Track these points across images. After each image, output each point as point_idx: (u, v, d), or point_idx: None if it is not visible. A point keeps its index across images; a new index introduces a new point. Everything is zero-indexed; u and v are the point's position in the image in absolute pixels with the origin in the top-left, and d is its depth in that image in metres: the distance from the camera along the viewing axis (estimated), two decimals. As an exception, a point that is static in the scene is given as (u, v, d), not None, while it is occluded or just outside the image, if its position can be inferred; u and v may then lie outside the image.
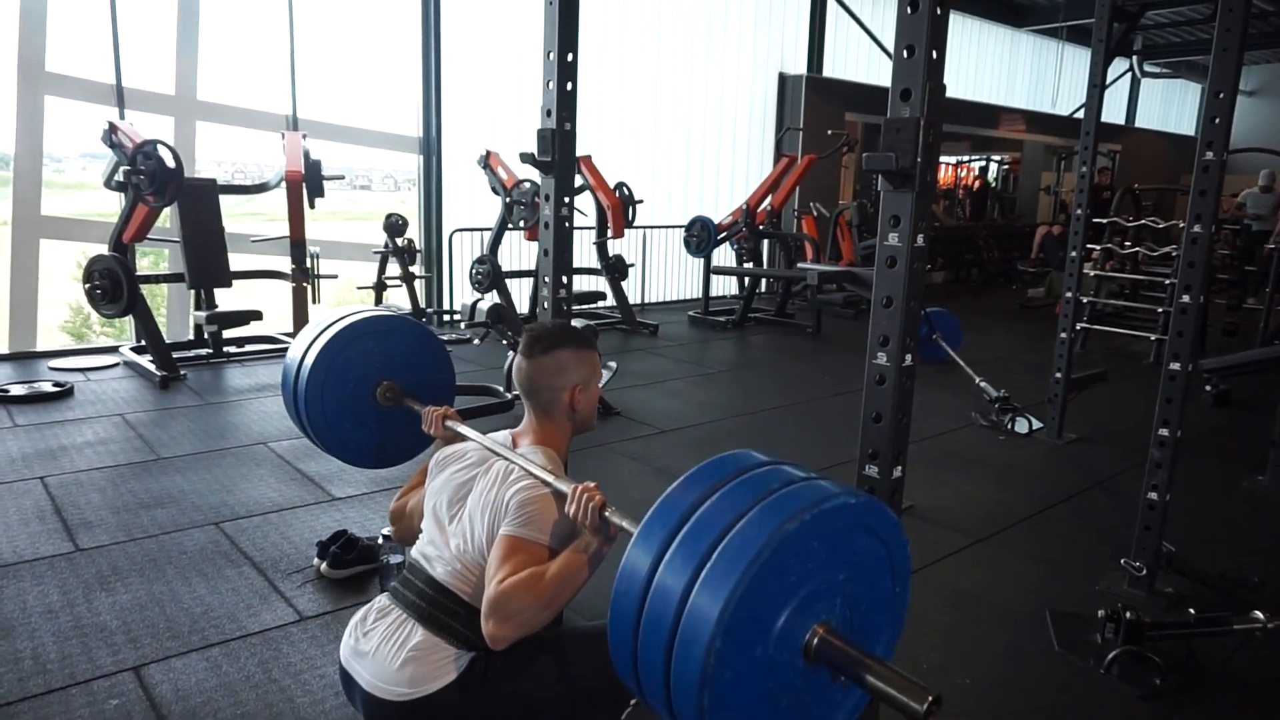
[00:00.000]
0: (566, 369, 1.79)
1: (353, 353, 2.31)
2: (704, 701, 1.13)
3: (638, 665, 1.24)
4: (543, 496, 1.63)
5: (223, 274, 5.85)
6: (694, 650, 1.13)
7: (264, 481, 3.76)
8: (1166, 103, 17.64)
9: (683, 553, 1.19)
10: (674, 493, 1.29)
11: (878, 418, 1.66)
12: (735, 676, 1.14)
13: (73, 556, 2.98)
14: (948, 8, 1.51)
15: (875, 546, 1.30)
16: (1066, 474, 4.34)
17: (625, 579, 1.26)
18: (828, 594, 1.23)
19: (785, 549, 1.14)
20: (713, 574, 1.14)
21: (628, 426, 4.79)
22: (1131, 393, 5.85)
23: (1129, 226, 7.66)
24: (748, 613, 1.13)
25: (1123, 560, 3.04)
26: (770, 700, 1.21)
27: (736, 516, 1.19)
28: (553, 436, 1.81)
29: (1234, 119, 2.77)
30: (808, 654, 1.22)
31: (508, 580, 1.51)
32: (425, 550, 1.75)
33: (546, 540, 1.60)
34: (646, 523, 1.27)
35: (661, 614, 1.18)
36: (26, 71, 5.79)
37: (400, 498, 2.00)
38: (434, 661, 1.61)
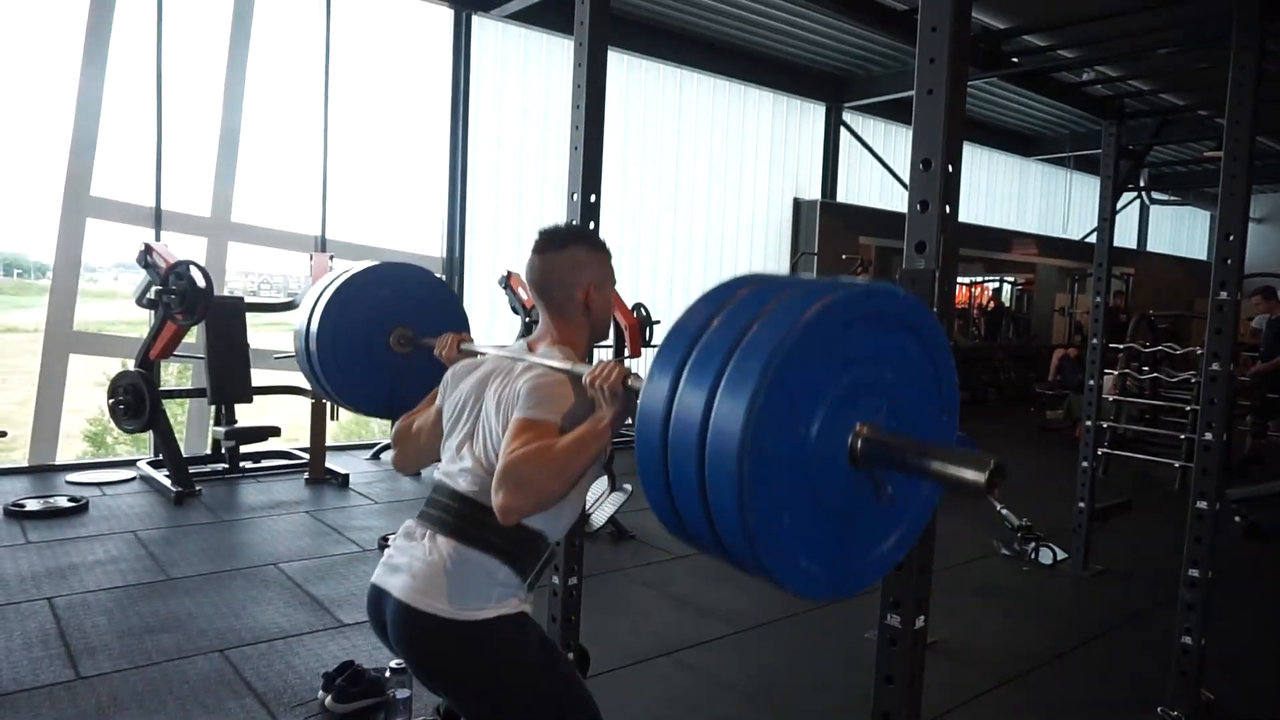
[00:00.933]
0: (581, 265, 1.73)
1: (365, 300, 2.30)
2: (745, 512, 1.05)
3: (672, 494, 1.17)
4: (556, 380, 1.57)
5: (245, 390, 5.92)
6: (725, 473, 1.06)
7: (272, 605, 3.70)
8: (1177, 226, 17.94)
9: (700, 366, 1.13)
10: (684, 317, 1.23)
11: (899, 565, 1.62)
12: (774, 480, 1.07)
13: (72, 685, 2.91)
14: (959, 165, 1.56)
15: (915, 348, 1.22)
16: (1094, 609, 4.20)
17: (645, 411, 1.19)
18: (868, 395, 1.16)
19: (808, 341, 1.08)
20: (734, 376, 1.07)
21: (642, 551, 4.71)
22: (1157, 522, 5.72)
23: (1146, 352, 7.67)
24: (775, 423, 1.06)
25: (1159, 709, 2.90)
26: (815, 506, 1.13)
27: (752, 320, 1.12)
28: (570, 337, 1.74)
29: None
30: (853, 457, 1.14)
31: (518, 450, 1.45)
32: (447, 469, 1.69)
33: (558, 420, 1.52)
34: (660, 350, 1.21)
35: (687, 431, 1.11)
36: (72, 194, 6.04)
37: (407, 418, 1.91)
38: (464, 576, 1.56)
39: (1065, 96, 4.81)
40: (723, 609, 3.84)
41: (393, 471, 6.38)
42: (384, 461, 6.80)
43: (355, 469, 6.27)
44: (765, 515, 1.09)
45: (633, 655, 3.32)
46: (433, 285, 2.47)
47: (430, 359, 2.05)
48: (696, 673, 3.25)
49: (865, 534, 1.25)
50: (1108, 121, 4.43)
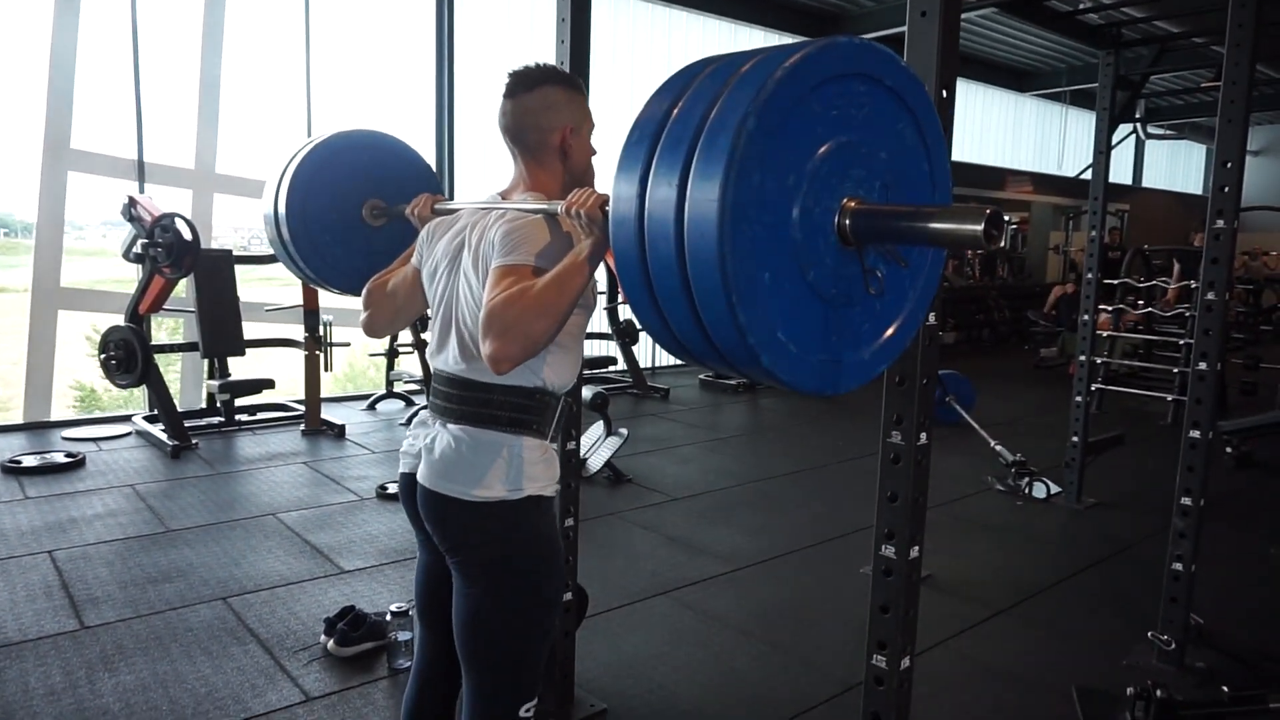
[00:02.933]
0: (555, 106, 1.63)
1: (335, 169, 2.21)
2: (726, 270, 1.01)
3: (654, 292, 1.14)
4: (530, 221, 1.50)
5: (237, 343, 5.89)
6: (706, 249, 1.01)
7: (272, 554, 3.72)
8: (1173, 162, 17.80)
9: (667, 155, 1.09)
10: (646, 109, 1.18)
11: (893, 497, 1.62)
12: (756, 245, 1.03)
13: (77, 635, 2.94)
14: (954, 90, 1.52)
15: (891, 106, 1.17)
16: (1087, 541, 4.25)
17: (617, 216, 1.15)
18: (852, 169, 1.12)
19: (775, 108, 1.02)
20: (702, 159, 1.03)
21: (639, 494, 4.74)
22: (1150, 455, 5.77)
23: (1140, 287, 7.66)
24: (753, 190, 1.02)
25: (1150, 633, 2.95)
26: (800, 276, 1.10)
27: (715, 98, 1.06)
28: (545, 184, 1.65)
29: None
30: (842, 235, 1.11)
31: (498, 295, 1.39)
32: (438, 348, 1.66)
33: (534, 261, 1.45)
34: (624, 149, 1.16)
35: (662, 230, 1.07)
36: (52, 148, 5.93)
37: (379, 278, 1.84)
38: (479, 455, 1.54)
39: (1060, 25, 4.71)
40: (719, 548, 3.88)
41: (389, 422, 6.40)
42: (380, 412, 6.80)
43: (351, 420, 6.27)
44: (745, 266, 1.04)
45: (630, 594, 3.35)
46: (402, 152, 2.32)
47: (407, 230, 1.97)
48: (693, 610, 3.29)
49: (850, 328, 1.21)
50: (1104, 51, 4.35)
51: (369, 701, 2.57)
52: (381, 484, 4.68)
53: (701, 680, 2.77)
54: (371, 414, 6.73)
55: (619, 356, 7.84)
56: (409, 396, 7.10)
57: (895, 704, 1.65)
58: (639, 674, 2.79)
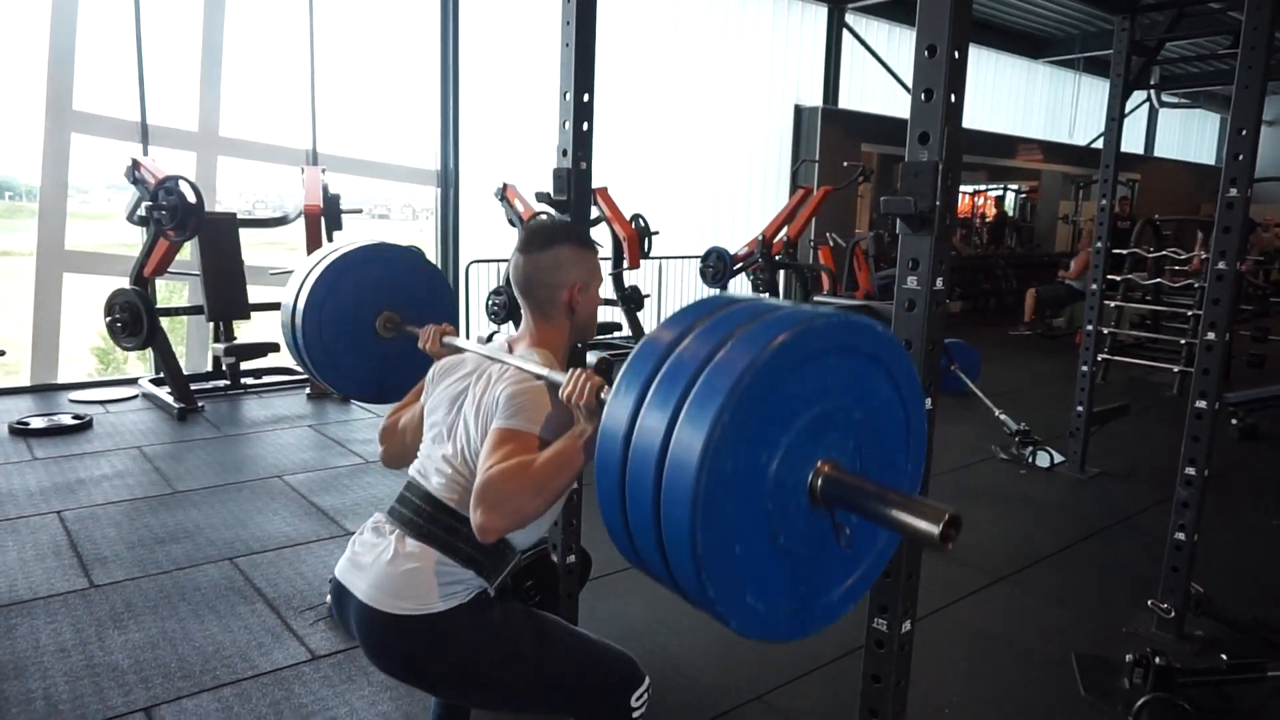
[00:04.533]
0: (564, 266, 1.68)
1: (355, 279, 2.25)
2: (696, 535, 1.04)
3: (627, 517, 1.15)
4: (534, 388, 1.54)
5: (242, 306, 5.90)
6: (681, 490, 1.04)
7: (279, 515, 3.75)
8: (1186, 131, 17.58)
9: (663, 390, 1.11)
10: (650, 338, 1.20)
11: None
12: (729, 513, 1.06)
13: (87, 593, 2.97)
14: (965, 52, 1.50)
15: (888, 390, 1.20)
16: (1089, 510, 4.27)
17: (607, 432, 1.17)
18: (835, 429, 1.14)
19: (778, 365, 1.06)
20: (695, 404, 1.06)
21: (644, 460, 4.75)
22: (1155, 425, 5.76)
23: (1150, 258, 7.60)
24: (736, 444, 1.04)
25: (1150, 602, 2.97)
26: (770, 541, 1.12)
27: (717, 346, 1.10)
28: (550, 338, 1.71)
29: (1256, 153, 2.74)
30: (813, 495, 1.13)
31: (496, 467, 1.43)
32: (422, 466, 1.69)
33: (538, 430, 1.50)
34: (624, 371, 1.19)
35: (645, 456, 1.09)
36: (54, 109, 5.89)
37: (392, 415, 1.90)
38: (429, 576, 1.54)
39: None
40: (723, 514, 3.89)
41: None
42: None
43: (357, 384, 6.28)
44: (717, 542, 1.07)
45: (635, 559, 3.37)
46: (422, 268, 2.40)
47: (417, 347, 2.03)
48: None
49: (819, 576, 1.22)
50: (1119, 15, 4.27)
51: (375, 661, 2.60)
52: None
53: (703, 643, 2.80)
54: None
55: (623, 322, 7.83)
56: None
57: (895, 667, 1.66)
58: (641, 637, 2.82)
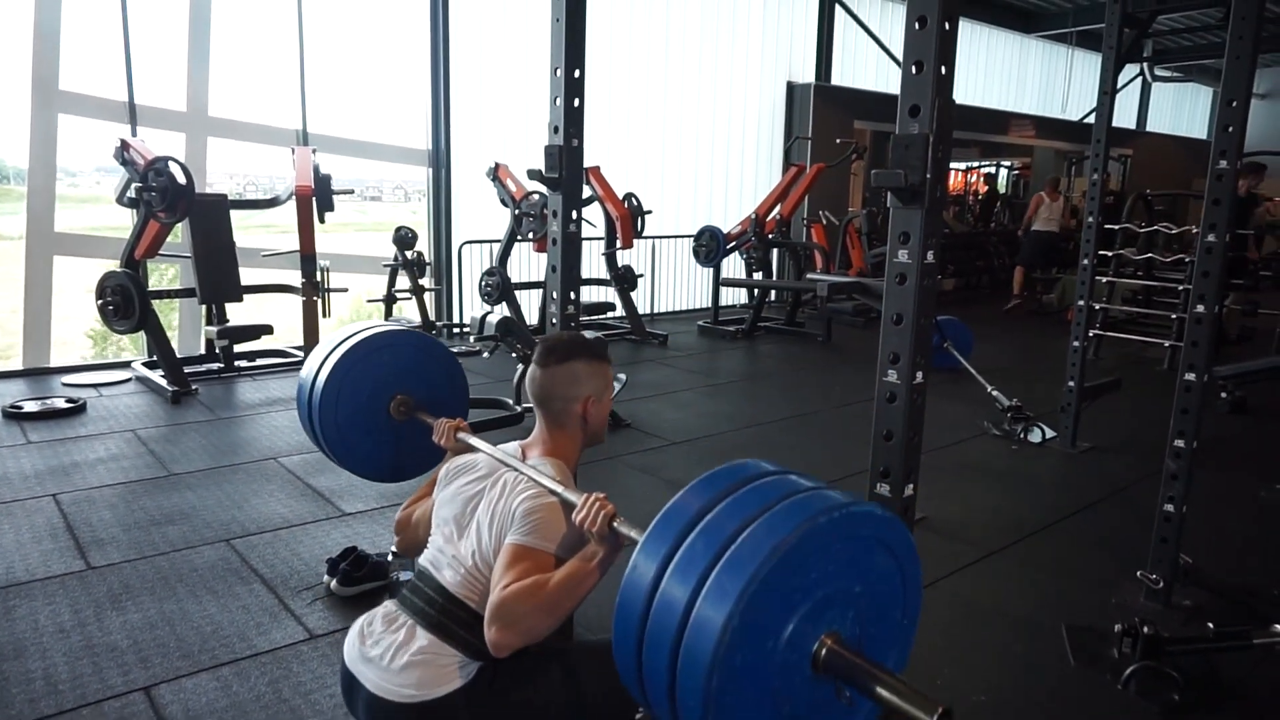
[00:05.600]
0: (580, 380, 1.77)
1: (368, 366, 2.30)
2: (709, 713, 1.11)
3: (642, 676, 1.22)
4: (550, 505, 1.61)
5: (234, 289, 5.87)
6: (698, 662, 1.11)
7: (274, 497, 3.76)
8: (1178, 106, 17.56)
9: (687, 561, 1.17)
10: (679, 501, 1.27)
11: (889, 435, 1.64)
12: (740, 688, 1.13)
13: (84, 575, 2.98)
14: (956, 24, 1.50)
15: (886, 560, 1.28)
16: (1081, 484, 4.30)
17: (630, 589, 1.24)
18: (836, 605, 1.21)
19: (792, 558, 1.12)
20: (717, 583, 1.12)
21: (637, 438, 4.77)
22: (1146, 400, 5.80)
23: (1141, 232, 7.61)
24: (753, 622, 1.11)
25: (1139, 573, 3.00)
26: (775, 711, 1.19)
27: (743, 524, 1.16)
28: (563, 447, 1.79)
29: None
30: (815, 664, 1.19)
31: (511, 586, 1.50)
32: (434, 558, 1.73)
33: (553, 549, 1.57)
34: (651, 531, 1.25)
35: (665, 624, 1.16)
36: (41, 90, 5.84)
37: (406, 508, 1.97)
38: (441, 666, 1.59)
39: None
40: (717, 491, 3.91)
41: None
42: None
43: (350, 366, 6.28)
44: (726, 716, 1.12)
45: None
46: (436, 353, 2.43)
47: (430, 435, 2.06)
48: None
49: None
50: (1112, -12, 4.26)
51: (372, 638, 2.62)
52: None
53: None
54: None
55: (617, 302, 7.83)
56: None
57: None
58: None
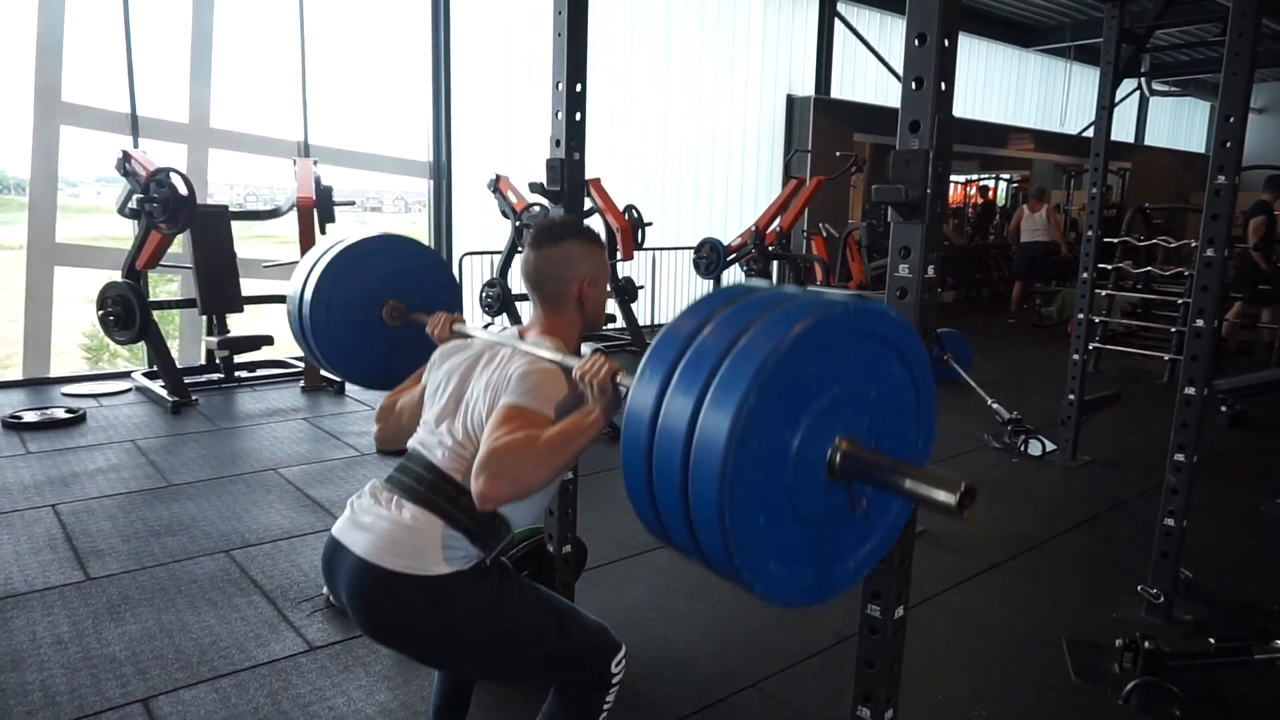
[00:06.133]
0: (575, 260, 1.74)
1: (358, 271, 2.27)
2: (725, 520, 1.09)
3: (655, 499, 1.20)
4: (547, 370, 1.58)
5: (235, 299, 5.88)
6: (708, 469, 1.09)
7: (274, 508, 3.76)
8: (1176, 119, 17.62)
9: (688, 375, 1.16)
10: (673, 325, 1.25)
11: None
12: (754, 490, 1.11)
13: (83, 585, 2.98)
14: (955, 41, 1.51)
15: (900, 370, 1.26)
16: (1081, 497, 4.30)
17: (632, 415, 1.22)
18: (850, 409, 1.20)
19: (794, 357, 1.11)
20: (720, 389, 1.10)
21: (638, 450, 4.76)
22: (1145, 413, 5.80)
23: (1140, 246, 7.63)
24: (761, 425, 1.09)
25: (1139, 587, 3.00)
26: (792, 513, 1.18)
27: (740, 332, 1.15)
28: (560, 329, 1.76)
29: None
30: (831, 469, 1.18)
31: (503, 438, 1.46)
32: (424, 439, 1.70)
33: (548, 412, 1.53)
34: (648, 357, 1.23)
35: (672, 439, 1.14)
36: (43, 101, 5.86)
37: (392, 395, 1.92)
38: (429, 537, 1.56)
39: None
40: (717, 504, 3.91)
41: (388, 378, 6.41)
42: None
43: (350, 377, 6.28)
44: (742, 514, 1.12)
45: (629, 549, 3.39)
46: (429, 260, 2.43)
47: (423, 334, 2.04)
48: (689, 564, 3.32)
49: (837, 544, 1.28)
50: (1109, 3, 4.28)
51: (371, 650, 2.61)
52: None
53: (699, 631, 2.82)
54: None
55: (618, 314, 7.83)
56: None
57: (888, 652, 1.68)
58: (638, 626, 2.84)
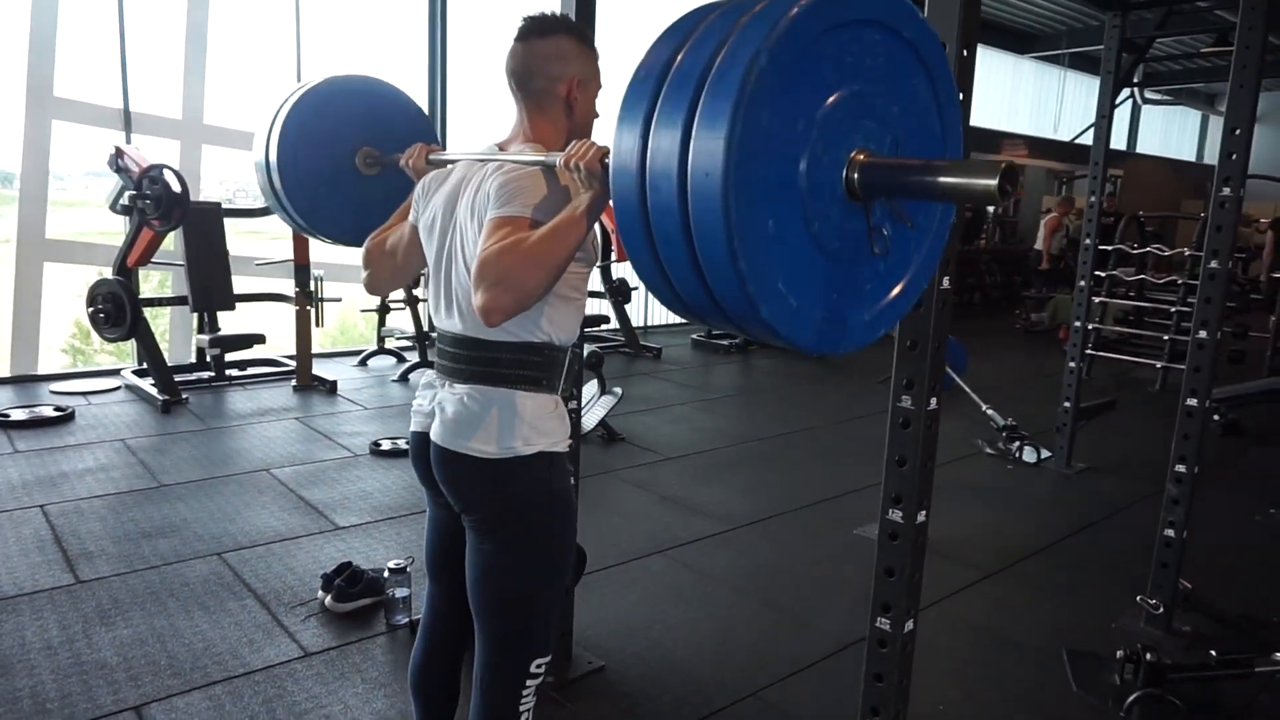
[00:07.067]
0: (566, 57, 1.59)
1: (326, 113, 2.15)
2: (735, 257, 1.00)
3: (655, 246, 1.11)
4: (527, 173, 1.47)
5: (226, 297, 5.83)
6: (709, 200, 0.99)
7: (267, 510, 3.71)
8: (1167, 127, 17.72)
9: (674, 93, 1.05)
10: (649, 54, 1.15)
11: (902, 461, 1.62)
12: (761, 196, 1.01)
13: (73, 589, 2.93)
14: (974, 51, 1.49)
15: (905, 59, 1.14)
16: (1077, 505, 4.30)
17: (618, 166, 1.13)
18: (867, 119, 1.10)
19: (789, 45, 0.99)
20: (712, 94, 0.99)
21: (632, 453, 4.75)
22: (1138, 420, 5.82)
23: (1134, 253, 7.66)
24: (761, 137, 0.99)
25: (1139, 597, 2.99)
26: (803, 225, 1.07)
27: (721, 42, 1.03)
28: (545, 135, 1.60)
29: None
30: (850, 190, 1.08)
31: (491, 246, 1.37)
32: (438, 305, 1.63)
33: (530, 214, 1.42)
34: (625, 98, 1.13)
35: (665, 174, 1.04)
36: (35, 96, 5.80)
37: (376, 236, 1.80)
38: (496, 415, 1.52)
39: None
40: (712, 508, 3.90)
41: (381, 378, 6.38)
42: (371, 368, 6.77)
43: (343, 376, 6.25)
44: (754, 251, 1.02)
45: (626, 553, 3.37)
46: (395, 98, 2.25)
47: (400, 181, 1.93)
48: (689, 569, 3.31)
49: (853, 286, 1.19)
50: (1110, 13, 4.29)
51: (367, 657, 2.58)
52: (375, 440, 4.66)
53: (698, 638, 2.80)
54: (363, 370, 6.70)
55: (612, 315, 7.81)
56: (400, 353, 7.07)
57: (898, 666, 1.66)
58: (636, 632, 2.81)
